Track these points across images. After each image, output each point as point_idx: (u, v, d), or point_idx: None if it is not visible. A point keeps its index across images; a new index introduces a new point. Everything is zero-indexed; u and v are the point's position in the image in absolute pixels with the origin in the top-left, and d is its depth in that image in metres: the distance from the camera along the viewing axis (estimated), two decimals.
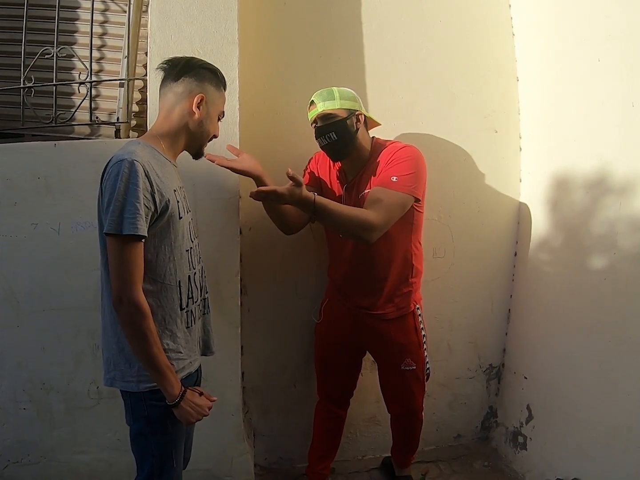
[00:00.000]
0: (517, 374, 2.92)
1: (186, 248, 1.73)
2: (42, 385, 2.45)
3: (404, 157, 2.21)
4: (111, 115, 2.58)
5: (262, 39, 2.58)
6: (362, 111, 2.27)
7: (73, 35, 2.59)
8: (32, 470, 2.50)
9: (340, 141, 2.21)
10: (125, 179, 1.50)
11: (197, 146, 1.81)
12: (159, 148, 1.70)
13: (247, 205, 2.49)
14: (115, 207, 1.49)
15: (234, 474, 2.58)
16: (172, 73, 1.72)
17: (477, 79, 2.77)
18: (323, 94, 2.22)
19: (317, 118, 2.22)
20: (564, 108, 2.55)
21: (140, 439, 1.73)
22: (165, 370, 1.59)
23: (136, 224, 1.50)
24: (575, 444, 2.46)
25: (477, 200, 2.83)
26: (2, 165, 2.30)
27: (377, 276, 2.34)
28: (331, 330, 2.52)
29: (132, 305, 1.52)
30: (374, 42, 2.67)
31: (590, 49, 2.35)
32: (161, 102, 1.77)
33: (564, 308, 2.55)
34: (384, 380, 2.56)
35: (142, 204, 1.51)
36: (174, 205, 1.64)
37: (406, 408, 2.54)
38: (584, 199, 2.41)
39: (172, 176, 1.71)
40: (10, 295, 2.36)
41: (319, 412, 2.67)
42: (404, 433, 2.66)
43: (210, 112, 1.76)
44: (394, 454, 2.77)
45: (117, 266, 1.52)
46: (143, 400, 1.66)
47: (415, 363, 2.43)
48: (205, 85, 1.73)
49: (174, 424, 1.71)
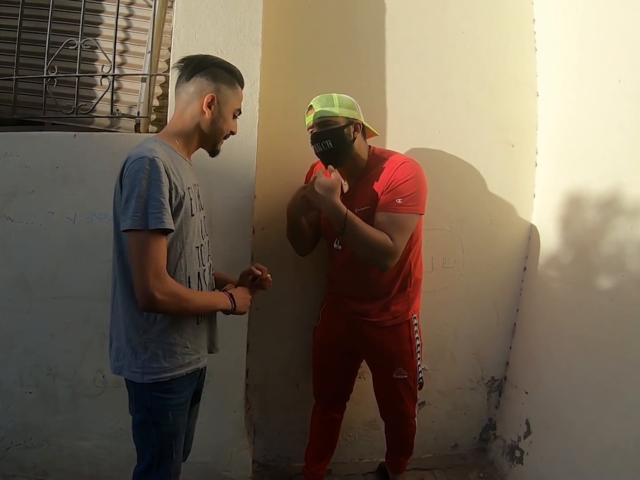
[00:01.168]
0: (518, 388, 2.92)
1: (197, 245, 1.75)
2: (49, 370, 2.49)
3: (405, 177, 2.19)
4: (132, 109, 2.60)
5: (284, 40, 2.59)
6: (361, 120, 2.25)
7: (98, 27, 2.61)
8: (34, 453, 2.55)
9: (336, 149, 2.19)
10: (147, 175, 1.52)
11: (211, 144, 1.82)
12: (173, 146, 1.72)
13: (261, 205, 2.51)
14: (139, 204, 1.51)
15: (232, 469, 2.61)
16: (185, 72, 1.74)
17: (496, 92, 2.76)
18: (322, 100, 2.21)
19: (314, 124, 2.21)
20: (581, 126, 2.53)
21: (141, 428, 1.76)
22: (212, 304, 1.75)
23: (162, 218, 1.52)
24: (570, 461, 2.45)
25: (489, 213, 2.83)
26: (22, 153, 2.35)
27: (374, 284, 2.34)
28: (328, 334, 2.53)
29: (166, 295, 1.55)
30: (396, 49, 2.67)
31: (611, 69, 2.33)
32: (176, 102, 1.79)
33: (568, 325, 2.55)
34: (376, 386, 2.57)
35: (166, 199, 1.54)
36: (187, 202, 1.66)
37: (397, 414, 2.56)
38: (596, 219, 2.41)
39: (187, 174, 1.73)
40: (22, 281, 2.41)
41: (316, 414, 2.69)
42: (395, 438, 2.67)
43: (222, 111, 1.75)
44: (388, 459, 2.79)
45: (142, 261, 1.53)
46: (147, 391, 1.69)
47: (407, 372, 2.43)
48: (217, 84, 1.73)
49: (175, 416, 1.74)
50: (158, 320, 1.66)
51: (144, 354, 1.66)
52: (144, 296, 1.54)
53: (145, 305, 1.57)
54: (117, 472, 2.52)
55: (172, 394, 1.72)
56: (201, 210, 1.82)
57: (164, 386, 1.69)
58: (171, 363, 1.69)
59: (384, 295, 2.36)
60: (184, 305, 1.63)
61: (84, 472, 2.58)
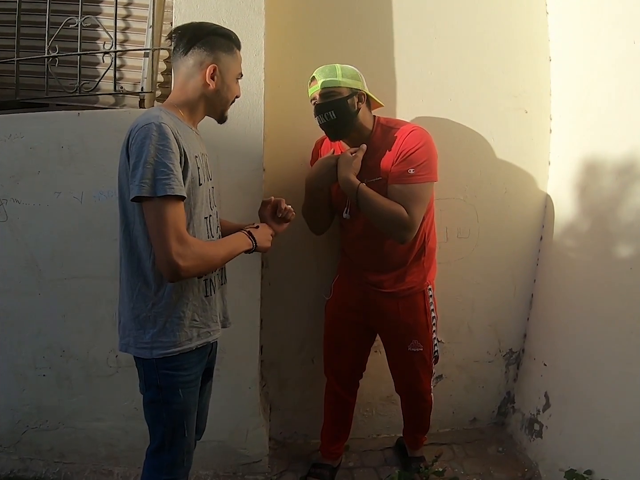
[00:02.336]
0: (536, 361, 2.88)
1: (205, 215, 1.72)
2: (62, 352, 2.49)
3: (415, 145, 2.16)
4: (136, 85, 2.55)
5: (290, 9, 2.53)
6: (365, 91, 2.21)
7: (98, 5, 2.56)
8: (50, 436, 2.56)
9: (339, 120, 2.16)
10: (155, 141, 1.48)
11: (218, 112, 1.80)
12: (178, 116, 1.68)
13: (270, 177, 2.47)
14: (146, 170, 1.47)
15: (249, 446, 2.61)
16: (181, 45, 1.69)
17: (508, 58, 2.69)
18: (325, 71, 2.16)
19: (318, 95, 2.17)
20: (596, 91, 2.46)
21: (152, 407, 1.75)
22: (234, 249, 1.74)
23: (171, 184, 1.48)
24: (590, 435, 2.42)
25: (504, 182, 2.77)
26: (26, 134, 2.32)
27: (388, 255, 2.32)
28: (341, 308, 2.51)
29: (190, 260, 1.52)
30: (405, 16, 2.59)
31: (625, 30, 2.25)
32: (175, 75, 1.74)
33: (587, 296, 2.50)
34: (391, 360, 2.55)
35: (175, 165, 1.50)
36: (194, 170, 1.63)
37: (413, 390, 2.54)
38: (613, 185, 2.34)
39: (194, 142, 1.69)
40: (32, 262, 2.40)
41: (328, 395, 2.67)
42: (411, 413, 2.66)
43: (225, 79, 1.72)
44: (405, 435, 2.77)
45: (162, 230, 1.49)
46: (155, 368, 1.67)
47: (422, 345, 2.41)
48: (216, 53, 1.69)
49: (186, 393, 1.73)
50: (166, 293, 1.63)
51: (153, 328, 1.64)
52: (168, 266, 1.51)
53: (171, 276, 1.54)
54: (134, 452, 2.52)
55: (182, 371, 1.70)
56: (209, 180, 1.78)
57: (173, 363, 1.67)
58: (180, 337, 1.66)
59: (398, 265, 2.33)
60: (208, 264, 1.64)
61: (101, 453, 2.59)
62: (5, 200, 2.35)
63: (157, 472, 1.78)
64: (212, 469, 2.60)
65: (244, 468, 2.62)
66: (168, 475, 1.77)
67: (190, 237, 1.56)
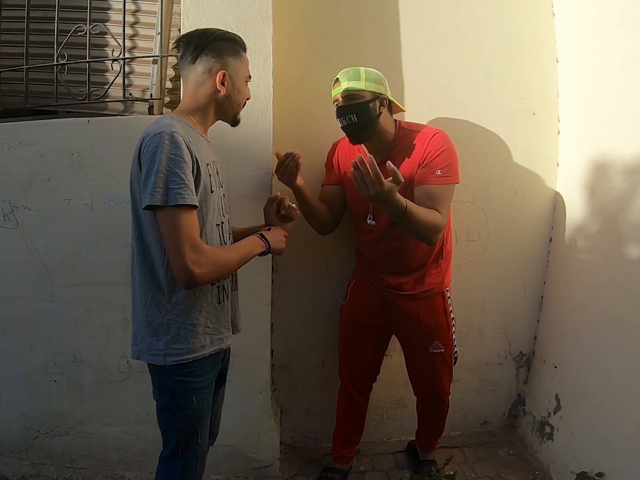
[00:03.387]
0: (547, 363, 2.87)
1: (217, 222, 1.73)
2: (73, 358, 2.50)
3: (439, 149, 2.19)
4: (144, 92, 2.57)
5: (297, 14, 2.54)
6: (387, 95, 2.23)
7: (106, 12, 2.58)
8: (62, 441, 2.57)
9: (361, 124, 2.18)
10: (167, 150, 1.49)
11: (231, 116, 1.81)
12: (190, 123, 1.69)
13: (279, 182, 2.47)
14: (158, 179, 1.48)
15: (260, 450, 2.61)
16: (188, 53, 1.70)
17: (515, 59, 2.69)
18: (349, 73, 2.18)
19: (340, 97, 2.19)
20: (604, 91, 2.46)
21: (166, 413, 1.75)
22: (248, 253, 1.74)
23: (182, 194, 1.49)
24: (601, 437, 2.41)
25: (512, 184, 2.76)
26: (36, 141, 2.34)
27: (410, 257, 2.33)
28: (358, 311, 2.50)
29: (205, 267, 1.53)
30: (411, 20, 2.60)
31: (632, 30, 2.25)
32: (184, 83, 1.75)
33: (597, 297, 2.49)
34: (410, 362, 2.54)
35: (187, 174, 1.51)
36: (206, 178, 1.64)
37: (433, 391, 2.53)
38: (623, 186, 2.33)
39: (206, 150, 1.70)
40: (43, 269, 2.41)
41: (342, 398, 2.66)
42: (429, 416, 2.65)
43: (235, 83, 1.74)
44: (419, 438, 2.76)
45: (176, 238, 1.51)
46: (169, 375, 1.68)
47: (443, 346, 2.41)
48: (224, 59, 1.70)
49: (199, 399, 1.73)
50: (180, 300, 1.64)
51: (167, 335, 1.65)
52: (184, 274, 1.52)
53: (186, 284, 1.55)
54: (145, 457, 2.53)
55: (196, 377, 1.71)
56: (220, 188, 1.79)
57: (186, 369, 1.67)
58: (194, 344, 1.67)
59: (418, 267, 2.35)
60: (223, 269, 1.64)
61: (112, 458, 2.59)
62: (16, 207, 2.37)
63: (171, 478, 1.78)
64: (224, 474, 2.60)
65: (255, 472, 2.62)
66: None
67: (204, 245, 1.57)
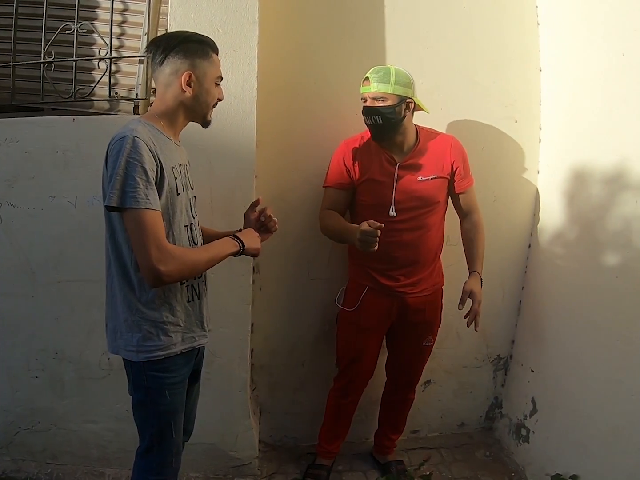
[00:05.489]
0: (524, 366, 2.91)
1: (185, 224, 1.76)
2: (55, 355, 2.51)
3: (465, 154, 2.46)
4: (130, 91, 2.58)
5: (283, 17, 2.55)
6: (414, 99, 2.30)
7: (94, 10, 2.58)
8: (42, 437, 2.58)
9: (385, 125, 2.26)
10: (126, 154, 1.53)
11: (200, 117, 1.82)
12: (158, 126, 1.71)
13: (262, 184, 2.50)
14: (115, 181, 1.52)
15: (239, 449, 2.63)
16: (157, 55, 1.71)
17: (499, 67, 2.72)
18: (380, 74, 2.24)
19: (368, 97, 2.26)
20: (585, 101, 2.50)
21: (140, 408, 1.80)
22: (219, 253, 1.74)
23: (137, 197, 1.52)
24: (576, 440, 2.46)
25: (493, 190, 2.80)
26: (22, 138, 2.33)
27: (427, 248, 2.43)
28: (368, 319, 2.48)
29: (171, 265, 1.56)
30: (396, 25, 2.62)
31: (615, 42, 2.29)
32: (156, 86, 1.78)
33: (574, 303, 2.54)
34: (400, 355, 2.61)
35: (144, 178, 1.54)
36: (171, 181, 1.67)
37: (412, 383, 2.66)
38: (601, 195, 2.38)
39: (172, 153, 1.73)
40: (26, 266, 2.41)
41: (336, 399, 2.65)
42: (398, 406, 2.73)
43: (203, 83, 1.74)
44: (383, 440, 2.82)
45: (142, 238, 1.54)
46: (143, 370, 1.72)
47: (432, 339, 2.57)
48: (191, 60, 1.70)
49: (173, 395, 1.76)
50: (149, 299, 1.67)
51: (139, 333, 1.68)
52: (150, 273, 1.55)
53: (153, 282, 1.58)
54: (125, 453, 2.53)
55: (169, 373, 1.74)
56: (190, 190, 1.83)
57: (159, 365, 1.71)
58: (165, 341, 1.70)
59: (433, 260, 2.47)
60: (190, 268, 1.66)
61: (92, 454, 2.61)
62: (0, 204, 2.37)
63: (147, 473, 1.82)
64: (203, 471, 2.62)
65: (234, 470, 2.64)
66: (157, 475, 1.82)
67: (169, 244, 1.60)
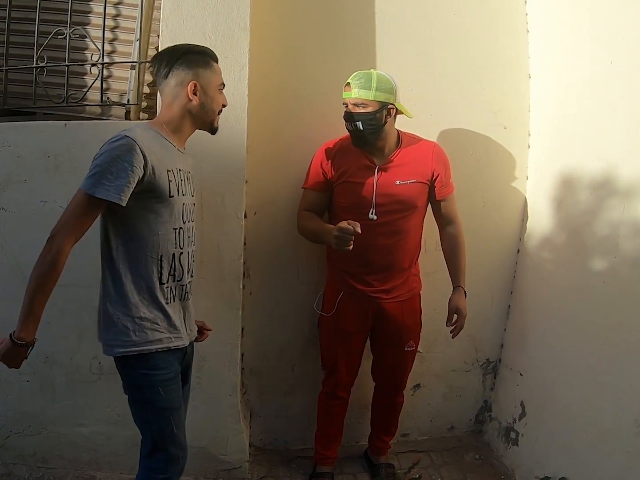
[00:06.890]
0: (513, 370, 2.93)
1: (175, 227, 1.79)
2: (46, 358, 2.51)
3: (447, 161, 2.46)
4: (122, 96, 2.59)
5: (274, 23, 2.57)
6: (396, 104, 2.29)
7: (87, 15, 2.59)
8: (33, 441, 2.58)
9: (365, 132, 2.26)
10: (115, 151, 1.60)
11: (208, 123, 1.87)
12: (162, 131, 1.78)
13: (252, 189, 2.51)
14: (95, 171, 1.60)
15: (229, 452, 2.64)
16: (161, 70, 1.79)
17: (488, 74, 2.75)
18: (361, 80, 2.24)
19: (349, 102, 2.26)
20: (574, 108, 2.53)
21: (136, 406, 1.82)
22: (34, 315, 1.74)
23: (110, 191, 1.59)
24: (564, 443, 2.48)
25: (482, 195, 2.83)
26: (13, 142, 2.35)
27: (403, 253, 2.43)
28: (346, 322, 2.49)
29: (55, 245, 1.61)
30: (386, 32, 2.65)
31: (603, 50, 2.32)
32: (161, 97, 1.85)
33: (562, 307, 2.56)
34: (384, 360, 2.61)
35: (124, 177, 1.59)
36: (164, 183, 1.71)
37: (399, 387, 2.66)
38: (589, 200, 2.41)
39: (172, 158, 1.78)
40: (17, 270, 2.41)
41: (326, 401, 2.66)
42: (387, 410, 2.73)
43: (208, 91, 1.81)
44: (373, 442, 2.82)
45: (69, 213, 1.62)
46: (133, 369, 1.75)
47: (414, 344, 2.57)
48: (194, 70, 1.78)
49: (167, 391, 1.79)
50: (128, 293, 1.72)
51: (115, 327, 1.72)
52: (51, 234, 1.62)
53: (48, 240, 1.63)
54: (116, 457, 2.55)
55: (159, 370, 1.76)
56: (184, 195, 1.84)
57: (149, 362, 1.74)
58: (140, 337, 1.73)
59: (408, 266, 2.47)
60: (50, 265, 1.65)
61: (83, 458, 2.60)
62: None
63: (154, 472, 1.84)
64: (193, 475, 2.61)
65: (225, 474, 2.65)
66: (163, 474, 1.83)
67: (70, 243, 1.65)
